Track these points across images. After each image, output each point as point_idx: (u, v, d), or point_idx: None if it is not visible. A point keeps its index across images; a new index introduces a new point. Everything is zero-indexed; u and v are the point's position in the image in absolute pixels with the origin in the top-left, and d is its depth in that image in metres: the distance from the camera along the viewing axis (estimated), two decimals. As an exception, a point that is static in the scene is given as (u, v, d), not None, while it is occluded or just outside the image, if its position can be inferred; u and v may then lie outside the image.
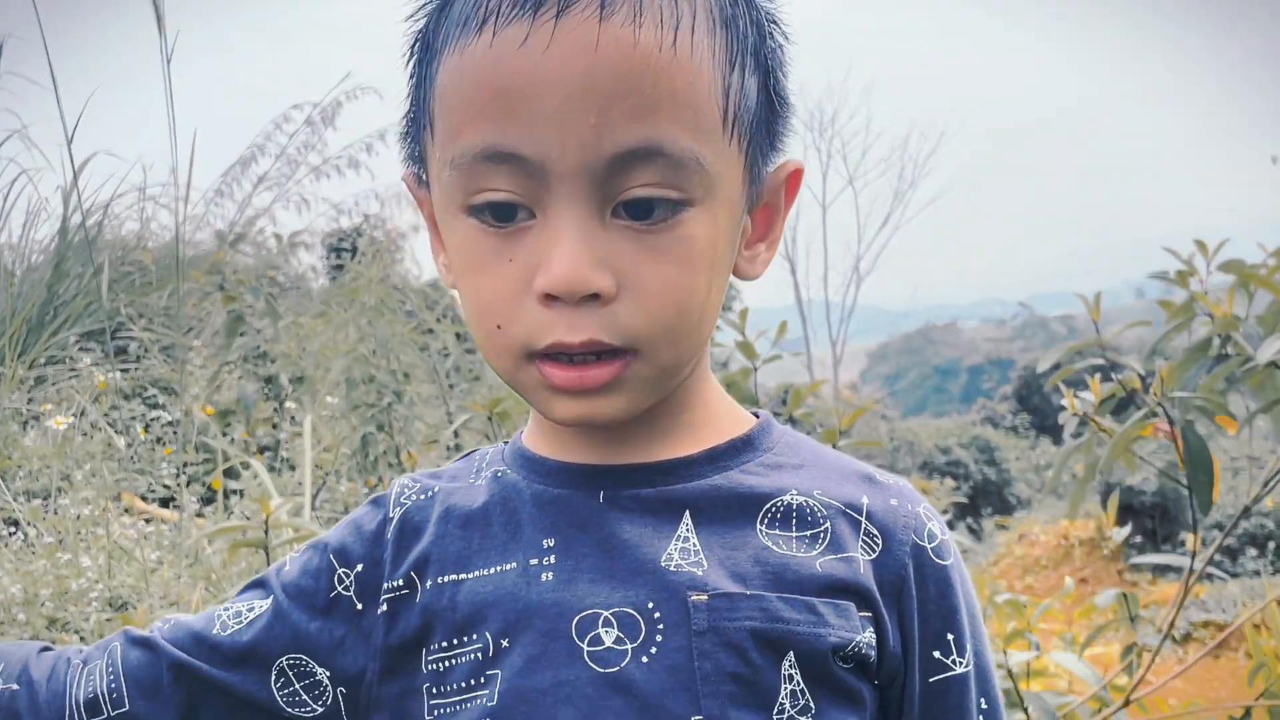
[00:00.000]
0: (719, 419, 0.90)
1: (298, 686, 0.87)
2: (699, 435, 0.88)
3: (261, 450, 4.80)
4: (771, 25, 0.84)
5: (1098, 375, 1.99)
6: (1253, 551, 9.53)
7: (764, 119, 0.83)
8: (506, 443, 0.94)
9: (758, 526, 0.83)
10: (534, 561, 0.83)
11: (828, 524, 0.84)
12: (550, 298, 0.75)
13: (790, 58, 0.86)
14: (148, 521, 3.87)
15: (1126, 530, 2.19)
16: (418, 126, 0.83)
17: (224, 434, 4.78)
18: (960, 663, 0.87)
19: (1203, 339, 1.88)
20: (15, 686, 0.87)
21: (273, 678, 0.87)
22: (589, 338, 0.75)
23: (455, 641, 0.83)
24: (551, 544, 0.83)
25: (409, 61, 0.83)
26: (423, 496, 0.90)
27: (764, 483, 0.85)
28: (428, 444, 4.25)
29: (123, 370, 5.48)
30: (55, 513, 3.53)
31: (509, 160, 0.74)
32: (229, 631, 0.88)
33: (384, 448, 4.13)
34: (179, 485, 3.64)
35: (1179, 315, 1.94)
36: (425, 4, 0.82)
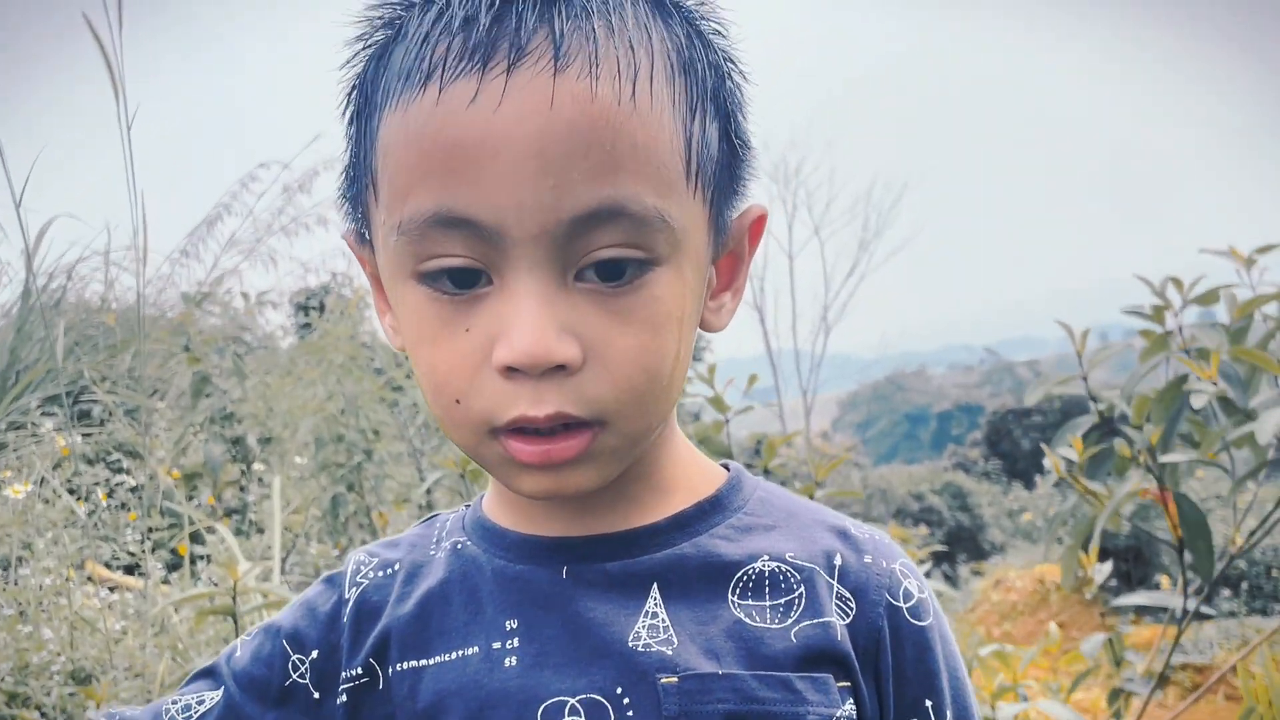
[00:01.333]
0: (688, 478, 0.86)
1: None
2: (667, 498, 0.84)
3: (229, 514, 4.71)
4: (729, 65, 0.80)
5: (1079, 435, 1.97)
6: (1227, 592, 9.54)
7: (726, 165, 0.80)
8: (469, 506, 0.90)
9: (729, 598, 0.80)
10: (496, 645, 0.78)
11: (801, 589, 0.80)
12: (512, 370, 0.71)
13: (750, 98, 0.82)
14: (112, 590, 3.79)
15: (1109, 567, 2.17)
16: (359, 186, 0.78)
17: (190, 498, 4.70)
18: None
19: (1177, 377, 1.87)
20: None
21: None
22: (555, 410, 0.71)
23: None
24: (514, 625, 0.79)
25: (345, 113, 0.79)
26: (381, 574, 0.86)
27: (734, 550, 0.82)
28: (399, 503, 4.19)
29: (86, 435, 5.39)
30: (15, 583, 3.44)
31: (462, 226, 0.70)
32: None
33: (354, 508, 4.06)
34: (143, 552, 3.56)
35: (1155, 349, 1.93)
36: (360, 50, 0.77)
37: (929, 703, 0.81)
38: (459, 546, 0.85)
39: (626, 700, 0.75)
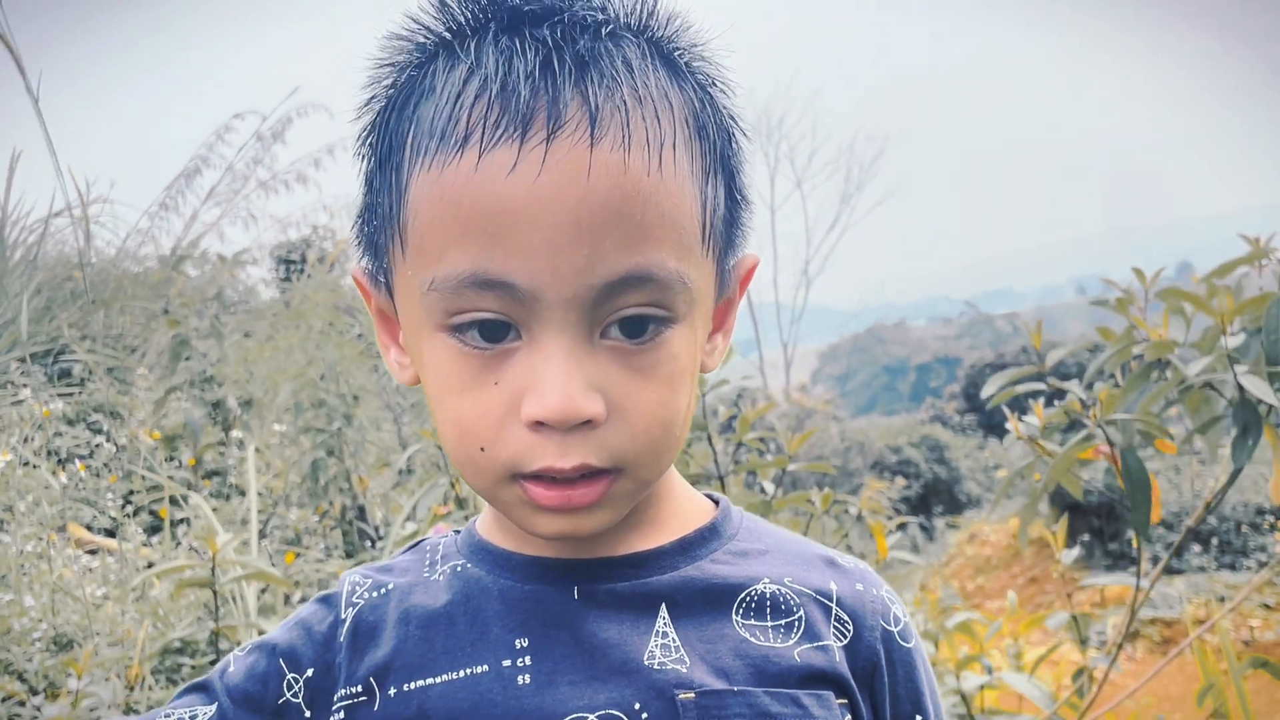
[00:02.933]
0: (682, 509, 0.89)
1: None
2: (667, 526, 0.87)
3: (210, 475, 4.73)
4: (733, 124, 0.83)
5: (1041, 400, 2.01)
6: (1197, 548, 9.68)
7: (730, 221, 0.83)
8: (458, 532, 0.91)
9: (733, 617, 0.83)
10: (507, 663, 0.80)
11: (801, 612, 0.84)
12: (540, 424, 0.73)
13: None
14: (93, 553, 3.81)
15: (1075, 552, 2.22)
16: (382, 235, 0.79)
17: (171, 459, 4.70)
18: None
19: (1143, 367, 1.91)
20: None
21: None
22: (580, 462, 0.74)
23: None
24: (525, 644, 0.80)
25: (364, 158, 0.80)
26: (376, 594, 0.86)
27: (735, 572, 0.85)
28: (380, 466, 4.21)
29: (65, 395, 5.37)
30: (5, 545, 3.45)
31: (498, 287, 0.72)
32: None
33: (334, 473, 4.08)
34: (123, 516, 3.57)
35: (1119, 343, 1.97)
36: (382, 95, 0.79)
37: (918, 717, 0.87)
38: (459, 569, 0.87)
39: (645, 716, 0.77)
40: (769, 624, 0.83)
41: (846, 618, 0.86)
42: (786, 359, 35.57)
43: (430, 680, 0.80)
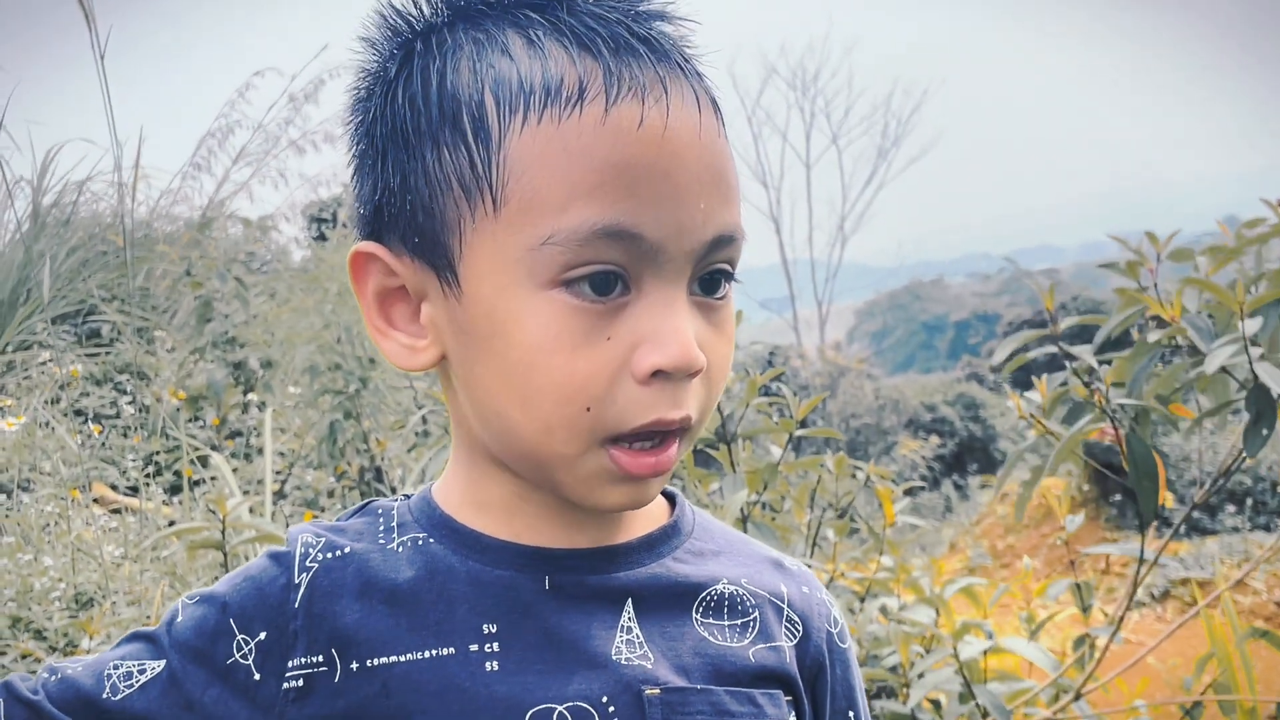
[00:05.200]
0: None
1: None
2: (635, 519, 0.87)
3: (233, 436, 4.78)
4: None
5: (1045, 376, 1.98)
6: (1231, 508, 9.58)
7: None
8: (408, 497, 0.90)
9: (694, 616, 0.85)
10: (474, 648, 0.79)
11: (756, 613, 0.87)
12: (655, 376, 0.74)
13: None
14: (116, 512, 3.87)
15: (1080, 520, 2.20)
16: (443, 201, 0.77)
17: (195, 419, 4.75)
18: None
19: (1161, 338, 1.87)
20: None
21: None
22: (687, 414, 0.77)
23: None
24: (493, 630, 0.80)
25: (394, 128, 0.79)
26: (330, 555, 0.84)
27: (696, 572, 0.87)
28: (397, 426, 4.24)
29: (92, 355, 5.44)
30: (26, 507, 3.51)
31: (626, 239, 0.73)
32: (119, 696, 0.81)
33: (352, 434, 4.11)
34: (145, 477, 3.62)
35: (1130, 304, 1.93)
36: (412, 53, 0.79)
37: (851, 713, 0.92)
38: (420, 543, 0.85)
39: (612, 709, 0.78)
40: (726, 623, 0.85)
41: (797, 619, 0.89)
42: (821, 317, 35.42)
43: (394, 658, 0.79)
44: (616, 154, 0.73)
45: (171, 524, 3.60)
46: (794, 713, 0.86)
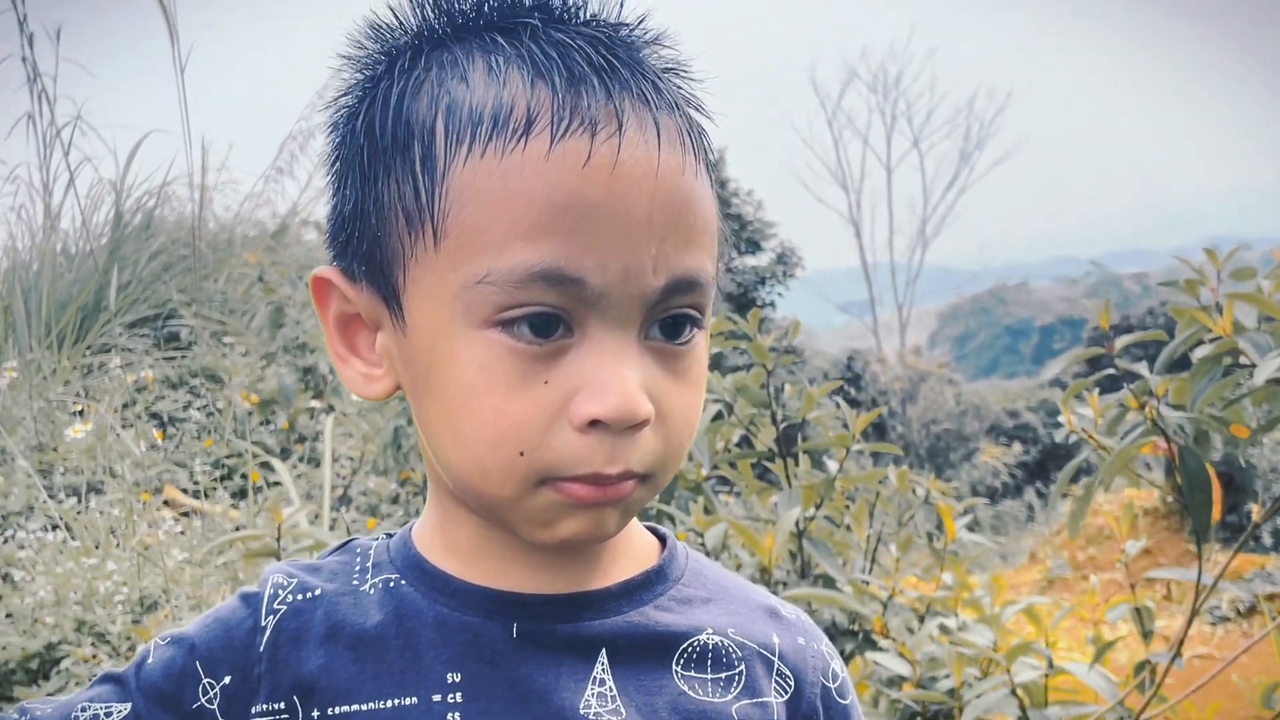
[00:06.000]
0: (631, 544, 0.86)
1: None
2: (616, 562, 0.83)
3: (301, 440, 4.84)
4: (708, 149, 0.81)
5: (1097, 391, 1.92)
6: (1325, 523, 9.25)
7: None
8: (390, 536, 0.87)
9: (674, 668, 0.80)
10: (436, 698, 0.76)
11: (742, 666, 0.82)
12: (593, 425, 0.70)
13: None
14: (185, 515, 3.94)
15: (1141, 543, 2.12)
16: (390, 231, 0.74)
17: (265, 423, 4.83)
18: None
19: (1211, 355, 1.80)
20: None
21: None
22: (625, 469, 0.72)
23: None
24: (457, 679, 0.77)
25: (355, 154, 0.76)
26: (299, 597, 0.82)
27: (679, 621, 0.82)
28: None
29: (170, 359, 5.55)
30: (91, 511, 3.59)
31: (566, 283, 0.69)
32: None
33: (415, 441, 4.14)
34: (213, 481, 3.68)
35: (1187, 328, 1.86)
36: (379, 75, 0.76)
37: None
38: (391, 585, 0.82)
39: None
40: (709, 676, 0.80)
41: (788, 672, 0.84)
42: (901, 321, 35.03)
43: (356, 707, 0.77)
44: (559, 193, 0.69)
45: (238, 529, 3.65)
46: None
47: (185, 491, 4.27)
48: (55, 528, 3.58)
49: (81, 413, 4.41)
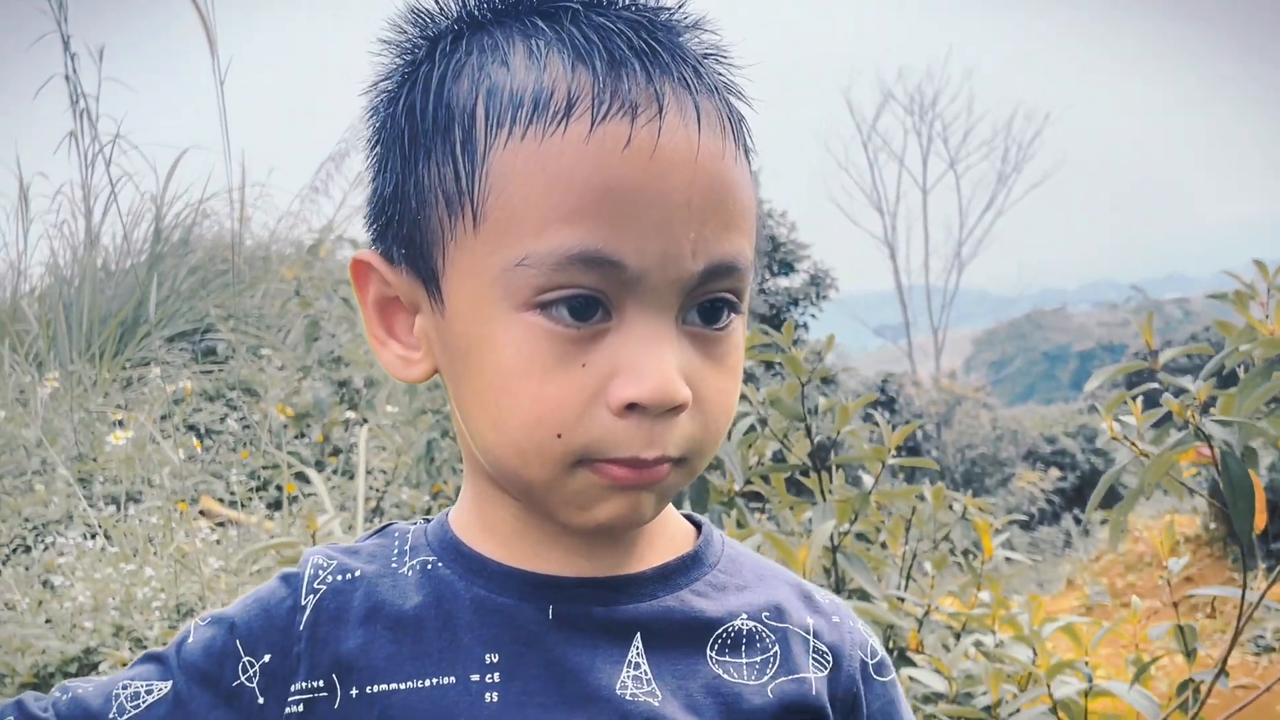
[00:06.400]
0: (667, 529, 0.86)
1: None
2: (652, 547, 0.84)
3: (335, 453, 4.87)
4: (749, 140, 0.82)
5: (1140, 399, 1.90)
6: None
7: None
8: (427, 520, 0.88)
9: (708, 653, 0.80)
10: (475, 678, 0.77)
11: (777, 648, 0.82)
12: (630, 408, 0.71)
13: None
14: (220, 525, 3.97)
15: (1185, 561, 2.09)
16: (431, 214, 0.75)
17: (300, 436, 4.86)
18: None
19: (1262, 366, 1.78)
20: None
21: None
22: (661, 454, 0.72)
23: None
24: (495, 660, 0.77)
25: (396, 137, 0.77)
26: (339, 578, 0.83)
27: (713, 607, 0.82)
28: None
29: (207, 372, 5.61)
30: (131, 519, 3.62)
31: (604, 265, 0.70)
32: (125, 717, 0.79)
33: (448, 453, 4.16)
34: (248, 492, 3.70)
35: (1236, 341, 1.84)
36: (418, 60, 0.77)
37: None
38: (429, 567, 0.83)
39: None
40: (744, 660, 0.81)
41: (825, 649, 0.84)
42: (937, 344, 34.84)
43: (395, 686, 0.77)
44: (598, 176, 0.69)
45: (272, 539, 3.67)
46: None
47: (221, 501, 4.30)
48: (94, 535, 3.62)
49: (121, 423, 4.45)
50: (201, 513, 4.14)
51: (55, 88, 7.35)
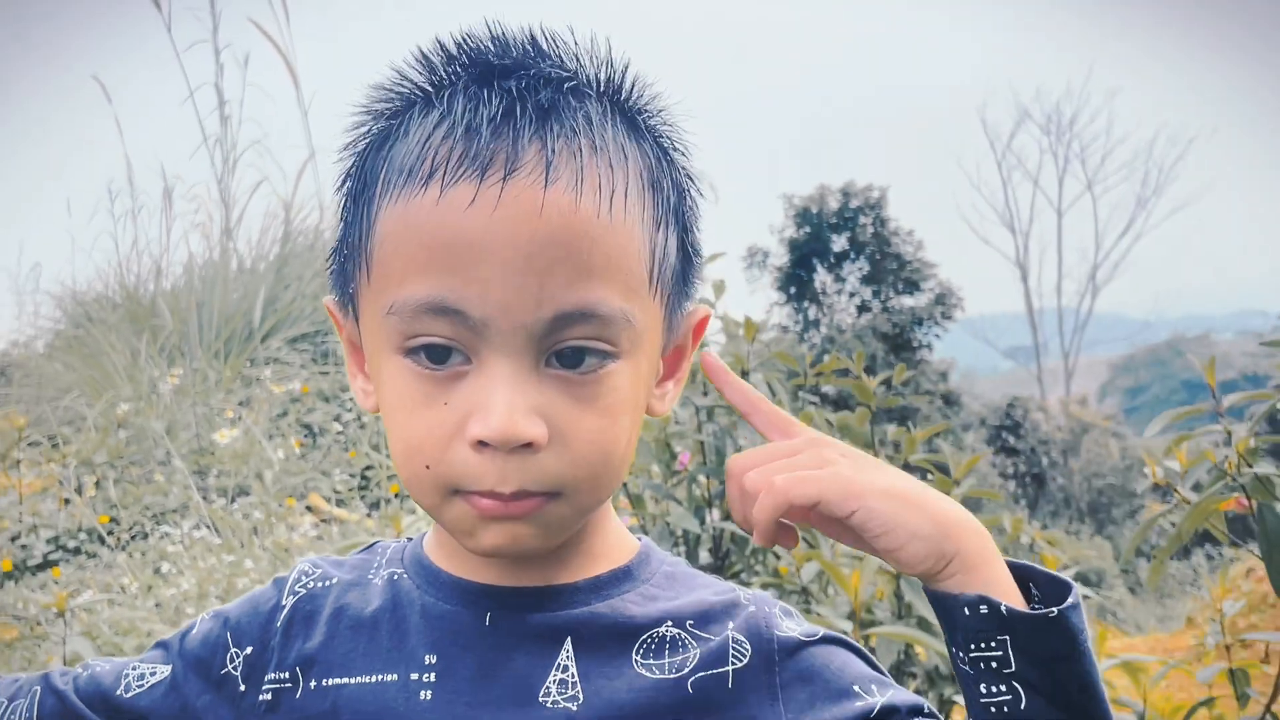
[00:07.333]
0: (609, 546, 0.93)
1: None
2: (590, 563, 0.91)
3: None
4: (689, 182, 0.89)
5: (1185, 446, 1.89)
6: None
7: (681, 271, 0.88)
8: (410, 540, 0.97)
9: (633, 657, 0.86)
10: (414, 676, 0.85)
11: (698, 650, 0.87)
12: (483, 444, 0.78)
13: (704, 208, 0.92)
14: (325, 522, 4.15)
15: (1241, 605, 2.07)
16: (351, 263, 0.85)
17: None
18: (875, 692, 0.86)
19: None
20: None
21: None
22: (518, 488, 0.79)
23: None
24: (433, 660, 0.86)
25: (341, 192, 0.87)
26: (319, 585, 0.93)
27: (641, 612, 0.89)
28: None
29: (324, 373, 5.84)
30: (236, 511, 3.81)
31: (451, 314, 0.77)
32: (130, 694, 0.92)
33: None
34: (351, 491, 3.87)
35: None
36: (361, 137, 0.86)
37: (855, 688, 0.86)
38: (395, 578, 0.92)
39: None
40: (665, 661, 0.86)
41: (743, 638, 0.88)
42: (1067, 369, 33.89)
43: (346, 680, 0.87)
44: (445, 232, 0.76)
45: (371, 537, 3.83)
46: None
47: (328, 500, 4.49)
48: (205, 527, 3.82)
49: (234, 422, 4.69)
50: (309, 508, 4.34)
51: (204, 96, 7.72)
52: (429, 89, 0.82)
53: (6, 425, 6.02)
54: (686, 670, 0.85)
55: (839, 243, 23.19)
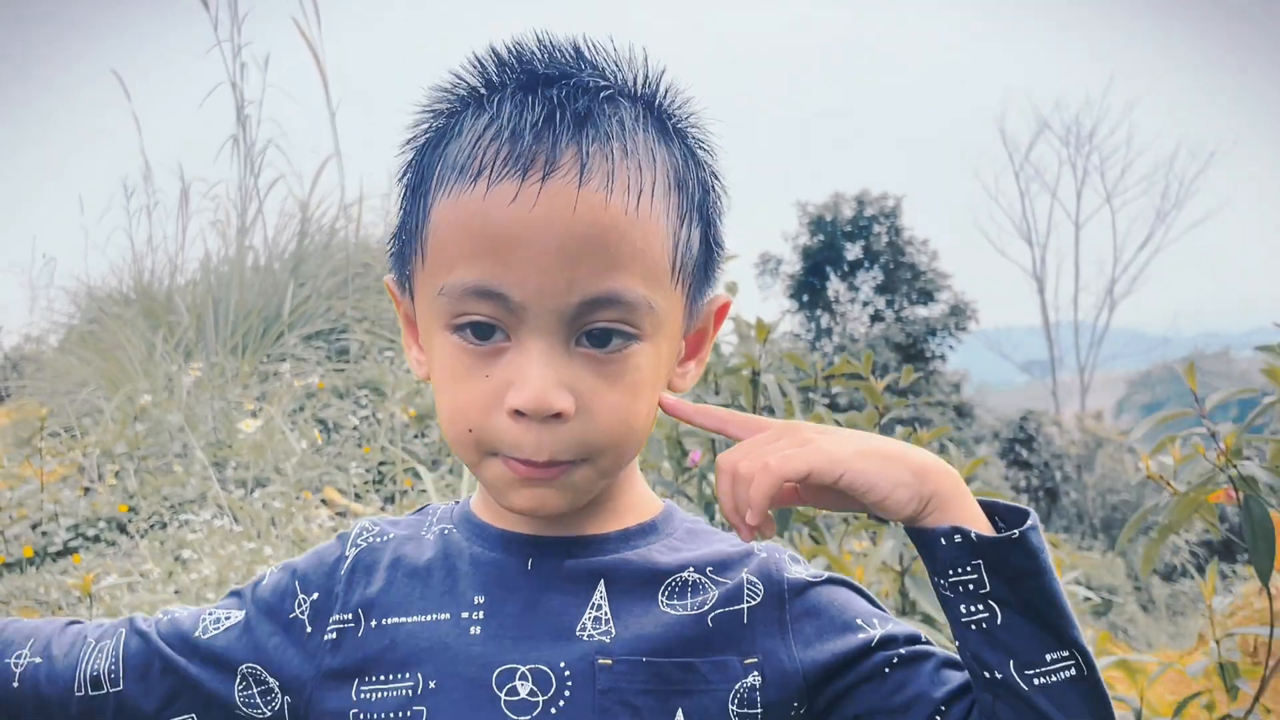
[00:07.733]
0: (634, 504, 1.05)
1: (254, 691, 1.03)
2: (619, 517, 1.03)
3: (451, 453, 5.10)
4: (714, 181, 1.00)
5: (1178, 443, 1.95)
6: None
7: (703, 263, 1.00)
8: (457, 503, 1.09)
9: (659, 598, 0.98)
10: (465, 615, 0.97)
11: (716, 591, 0.99)
12: (519, 413, 0.89)
13: (727, 205, 1.03)
14: (340, 514, 4.22)
15: (1230, 599, 2.11)
16: (408, 248, 0.97)
17: (420, 435, 5.12)
18: (875, 625, 0.98)
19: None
20: (38, 660, 1.04)
21: (236, 680, 1.03)
22: (550, 458, 0.90)
23: (389, 677, 0.97)
24: (481, 601, 0.98)
25: (401, 183, 0.99)
26: (378, 539, 1.06)
27: (666, 560, 1.00)
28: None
29: (339, 369, 5.93)
30: (255, 502, 3.88)
31: (494, 297, 0.88)
32: (208, 635, 1.04)
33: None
34: (366, 485, 3.94)
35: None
36: (421, 134, 0.97)
37: (858, 620, 0.99)
38: (445, 532, 1.05)
39: (568, 673, 0.94)
40: (688, 601, 0.98)
41: (756, 580, 1.00)
42: (1083, 383, 33.80)
43: (404, 619, 0.99)
44: (490, 225, 0.88)
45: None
46: (757, 671, 0.96)
47: (343, 493, 4.57)
48: (224, 515, 3.90)
49: (256, 414, 4.77)
50: (324, 501, 4.42)
51: (222, 95, 7.82)
52: (482, 92, 0.93)
53: (25, 415, 6.12)
54: (706, 608, 0.97)
55: (853, 251, 23.20)
